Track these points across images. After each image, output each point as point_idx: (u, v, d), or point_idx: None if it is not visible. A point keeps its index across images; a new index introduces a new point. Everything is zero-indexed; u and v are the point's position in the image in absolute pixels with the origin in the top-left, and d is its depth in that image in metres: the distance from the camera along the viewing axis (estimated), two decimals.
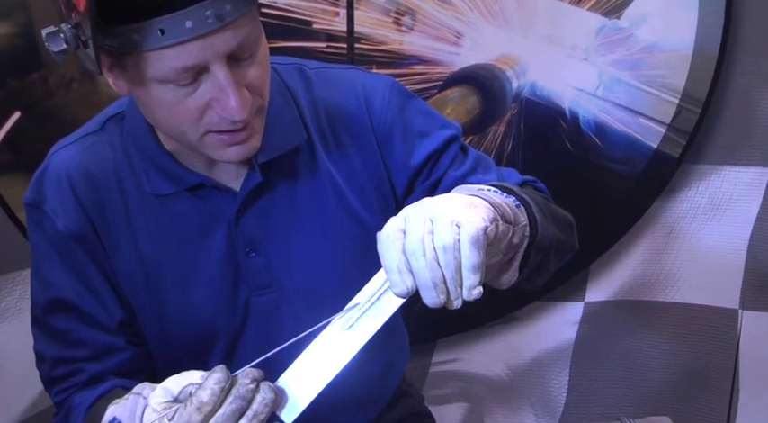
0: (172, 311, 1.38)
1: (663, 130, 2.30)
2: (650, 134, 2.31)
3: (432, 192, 1.41)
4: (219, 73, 1.14)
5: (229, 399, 1.01)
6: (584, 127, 2.29)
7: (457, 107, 2.24)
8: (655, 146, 2.32)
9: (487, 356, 2.58)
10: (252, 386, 1.02)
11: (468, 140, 2.25)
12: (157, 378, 1.12)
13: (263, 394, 1.02)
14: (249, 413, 1.01)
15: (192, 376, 1.06)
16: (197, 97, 1.16)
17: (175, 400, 1.05)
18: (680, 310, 2.54)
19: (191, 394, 1.03)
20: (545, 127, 2.29)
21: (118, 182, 1.35)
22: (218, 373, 1.01)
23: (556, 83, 2.27)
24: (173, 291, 1.37)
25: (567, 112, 2.28)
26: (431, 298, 1.00)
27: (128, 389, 1.14)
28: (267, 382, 1.03)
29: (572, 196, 1.73)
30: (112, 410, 1.12)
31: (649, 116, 2.30)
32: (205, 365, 1.12)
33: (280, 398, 1.05)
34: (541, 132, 2.30)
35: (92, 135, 1.37)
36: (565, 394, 2.63)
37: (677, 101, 2.27)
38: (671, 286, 2.52)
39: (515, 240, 1.11)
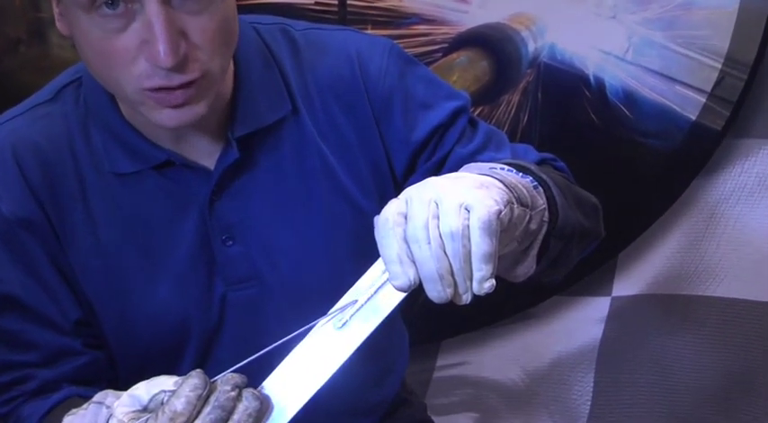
0: (136, 309, 1.38)
1: (703, 99, 2.30)
2: (688, 104, 2.31)
3: (436, 171, 1.41)
4: (151, 7, 1.12)
5: (207, 408, 0.99)
6: (611, 96, 2.29)
7: (464, 73, 2.24)
8: (693, 117, 2.32)
9: (500, 359, 2.59)
10: (233, 394, 1.00)
11: (478, 112, 2.26)
12: (120, 386, 1.10)
13: (246, 403, 1.00)
14: None
15: (164, 382, 1.04)
16: (126, 36, 1.14)
17: (145, 409, 1.03)
18: (721, 305, 2.54)
19: (162, 403, 1.01)
20: (566, 96, 2.30)
21: (73, 159, 1.34)
22: (194, 379, 0.99)
23: (578, 45, 2.27)
24: (137, 285, 1.37)
25: (592, 78, 2.28)
26: (436, 292, 1.00)
27: (86, 398, 1.12)
28: (251, 390, 1.02)
29: (597, 176, 1.73)
30: (69, 421, 1.10)
31: (687, 83, 2.30)
32: (175, 371, 1.10)
33: (265, 407, 1.04)
34: (562, 102, 2.30)
35: (43, 105, 1.36)
36: (589, 402, 2.64)
37: (720, 65, 2.27)
38: (711, 279, 2.53)
39: (533, 226, 1.12)
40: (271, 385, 1.06)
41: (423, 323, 1.85)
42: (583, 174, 1.48)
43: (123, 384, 1.10)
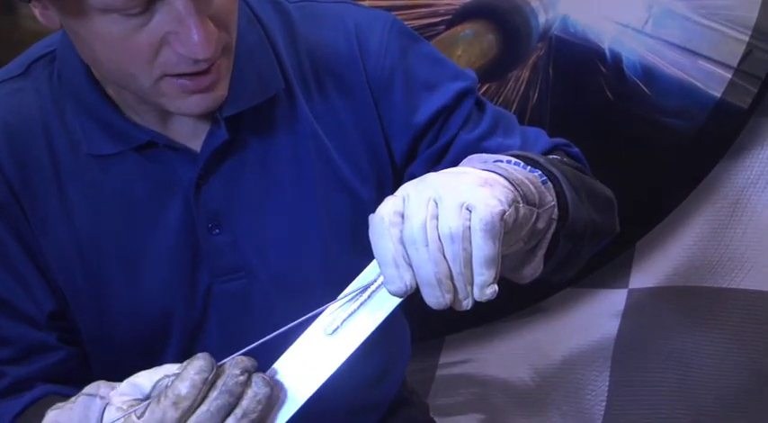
0: (114, 302, 1.38)
1: (728, 74, 2.31)
2: (712, 80, 2.31)
3: (439, 159, 1.42)
4: (178, 2, 1.12)
5: (214, 393, 0.98)
6: (628, 72, 2.29)
7: (470, 48, 2.25)
8: (718, 95, 2.32)
9: (508, 357, 2.60)
10: (242, 378, 0.99)
11: (484, 90, 2.26)
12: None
13: (256, 389, 1.00)
14: (238, 411, 0.99)
15: (167, 369, 1.03)
16: (150, 31, 1.14)
17: (147, 398, 1.02)
18: (748, 298, 2.54)
19: (166, 387, 1.00)
20: (580, 72, 2.30)
21: (47, 139, 1.33)
22: (199, 361, 0.98)
23: (593, 16, 2.27)
24: (115, 276, 1.37)
25: (608, 53, 2.28)
26: (434, 297, 1.00)
27: (63, 396, 1.13)
28: (260, 374, 1.02)
29: (613, 159, 1.74)
30: (54, 416, 1.08)
31: (711, 58, 2.30)
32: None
33: (276, 393, 1.04)
34: (575, 79, 2.31)
35: (13, 80, 1.36)
36: (604, 403, 2.64)
37: (747, 38, 2.27)
38: (736, 270, 2.53)
39: (540, 225, 1.11)
40: (281, 372, 1.07)
41: (425, 317, 1.81)
42: (598, 157, 1.48)
43: None
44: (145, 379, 1.03)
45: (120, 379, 1.05)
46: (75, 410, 1.06)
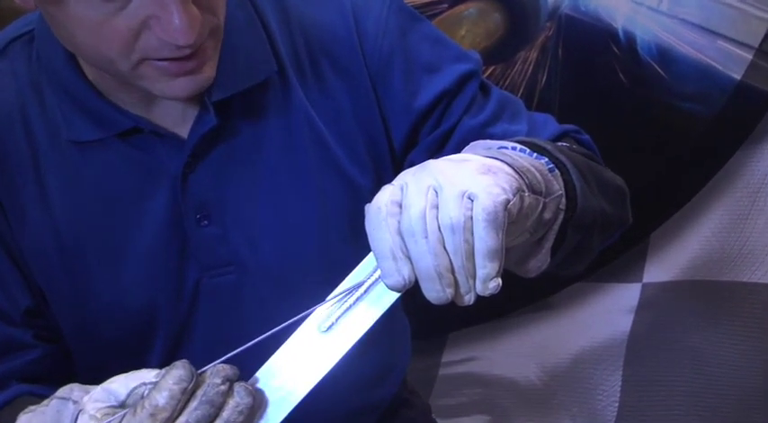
0: (95, 297, 1.38)
1: (749, 55, 2.31)
2: (732, 61, 2.31)
3: (441, 146, 1.43)
4: None
5: (194, 403, 0.98)
6: (642, 53, 2.29)
7: (474, 27, 2.25)
8: (738, 77, 2.32)
9: (514, 355, 2.60)
10: (223, 387, 0.99)
11: (489, 72, 2.27)
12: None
13: (238, 399, 0.99)
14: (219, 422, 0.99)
15: (144, 375, 1.03)
16: (129, 14, 1.14)
17: (122, 405, 1.02)
18: None
19: (143, 397, 1.00)
20: (591, 53, 2.30)
21: (24, 124, 1.34)
22: (178, 370, 0.98)
23: None
24: (96, 270, 1.37)
25: (621, 32, 2.29)
26: (434, 292, 0.99)
27: (39, 396, 1.13)
28: (243, 383, 1.01)
29: (627, 146, 1.74)
30: (26, 420, 1.08)
31: (731, 37, 2.30)
32: (141, 367, 1.07)
33: (258, 404, 1.04)
34: (586, 61, 2.31)
35: None
36: (616, 404, 2.65)
37: None
38: (758, 263, 2.53)
39: (547, 216, 1.10)
40: (263, 380, 1.06)
41: (426, 314, 1.80)
42: (610, 144, 1.48)
43: (81, 382, 1.08)
44: (120, 385, 1.03)
45: (105, 378, 1.05)
46: (47, 414, 1.05)
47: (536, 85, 2.30)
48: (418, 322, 1.77)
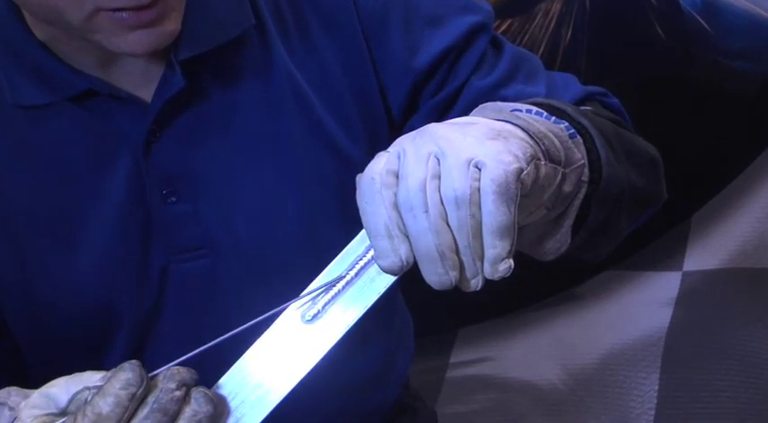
0: (48, 286, 1.38)
1: None
2: None
3: (446, 110, 1.43)
4: None
5: (144, 411, 0.96)
6: (684, 5, 2.29)
7: None
8: None
9: (532, 355, 2.61)
10: (178, 394, 0.98)
11: (504, 27, 2.27)
12: (31, 385, 1.07)
13: (196, 406, 0.98)
14: None
15: (88, 378, 1.01)
16: None
17: (62, 412, 1.01)
18: None
19: (86, 402, 0.99)
20: (624, 5, 2.30)
21: None
22: (125, 373, 0.96)
23: None
24: (48, 254, 1.37)
25: None
26: (436, 275, 0.97)
27: None
28: (202, 389, 1.00)
29: (664, 114, 1.73)
30: None
31: None
32: (102, 366, 1.07)
33: (219, 412, 1.03)
34: (618, 13, 2.31)
35: None
36: (653, 412, 2.65)
37: None
38: None
39: (566, 188, 1.08)
40: (227, 385, 1.06)
41: (431, 305, 1.81)
42: (643, 110, 1.48)
43: (35, 383, 1.07)
44: (60, 390, 1.02)
45: (61, 376, 1.04)
46: None
47: (559, 42, 2.29)
48: (422, 316, 1.76)
